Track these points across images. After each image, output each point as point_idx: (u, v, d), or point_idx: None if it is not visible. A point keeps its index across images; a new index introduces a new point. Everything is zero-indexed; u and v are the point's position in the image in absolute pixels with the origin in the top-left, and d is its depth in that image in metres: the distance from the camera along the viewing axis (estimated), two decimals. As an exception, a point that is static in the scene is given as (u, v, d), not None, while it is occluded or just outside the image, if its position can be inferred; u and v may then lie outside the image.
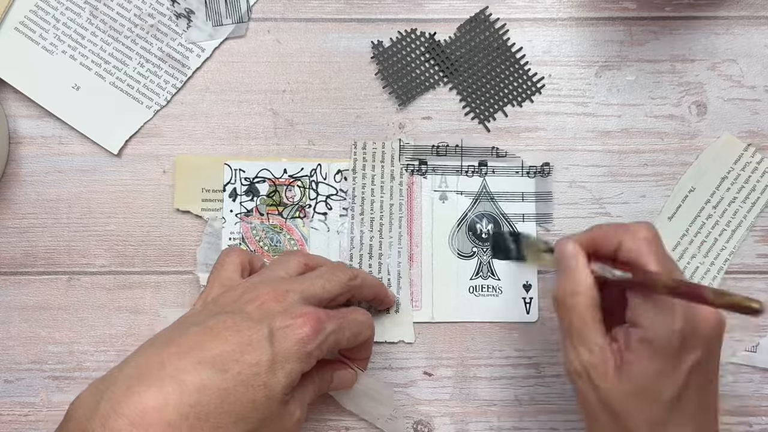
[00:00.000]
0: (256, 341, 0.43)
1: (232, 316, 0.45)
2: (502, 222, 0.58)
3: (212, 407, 0.41)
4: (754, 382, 0.57)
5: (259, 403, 0.43)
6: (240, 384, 0.42)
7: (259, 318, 0.45)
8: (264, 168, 0.58)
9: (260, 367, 0.43)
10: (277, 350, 0.43)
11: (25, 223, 0.58)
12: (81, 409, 0.41)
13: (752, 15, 0.59)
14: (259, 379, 0.43)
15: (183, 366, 0.41)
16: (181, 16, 0.59)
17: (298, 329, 0.44)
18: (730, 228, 0.57)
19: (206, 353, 0.42)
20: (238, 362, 0.42)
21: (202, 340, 0.43)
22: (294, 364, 0.44)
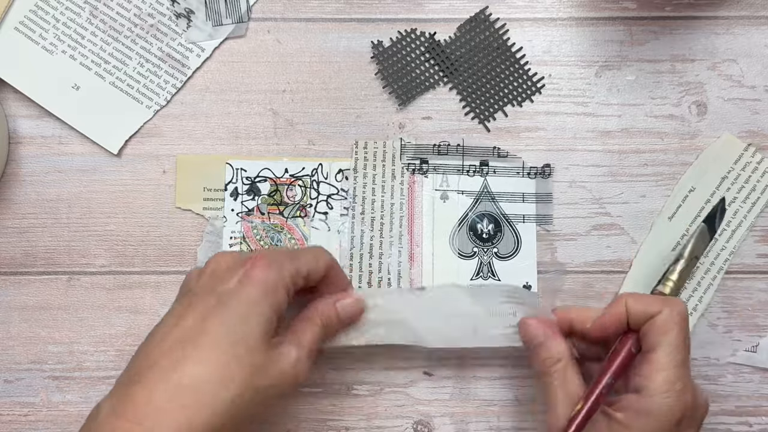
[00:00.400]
0: (213, 306, 0.45)
1: (184, 299, 0.47)
2: (502, 222, 0.58)
3: (196, 380, 0.42)
4: (754, 382, 0.57)
5: (240, 358, 0.43)
6: (216, 349, 0.43)
7: (210, 287, 0.46)
8: (265, 167, 0.58)
9: (229, 327, 0.44)
10: (237, 303, 0.45)
11: (25, 223, 0.58)
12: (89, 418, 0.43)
13: (752, 15, 0.59)
14: (232, 337, 0.44)
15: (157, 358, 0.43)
16: (181, 16, 0.59)
17: (250, 274, 0.46)
18: (730, 228, 0.57)
19: (172, 338, 0.44)
20: (205, 332, 0.44)
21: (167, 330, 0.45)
22: (261, 307, 0.45)
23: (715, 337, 0.57)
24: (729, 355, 0.57)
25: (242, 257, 0.47)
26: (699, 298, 0.57)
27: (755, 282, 0.58)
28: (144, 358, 0.44)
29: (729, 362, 0.57)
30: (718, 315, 0.57)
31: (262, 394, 0.45)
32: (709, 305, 0.57)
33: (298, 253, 0.50)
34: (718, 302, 0.57)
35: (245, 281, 0.45)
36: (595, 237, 0.58)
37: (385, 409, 0.57)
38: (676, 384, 0.46)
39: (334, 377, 0.57)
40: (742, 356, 0.57)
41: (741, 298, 0.57)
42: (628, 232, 0.58)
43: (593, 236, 0.58)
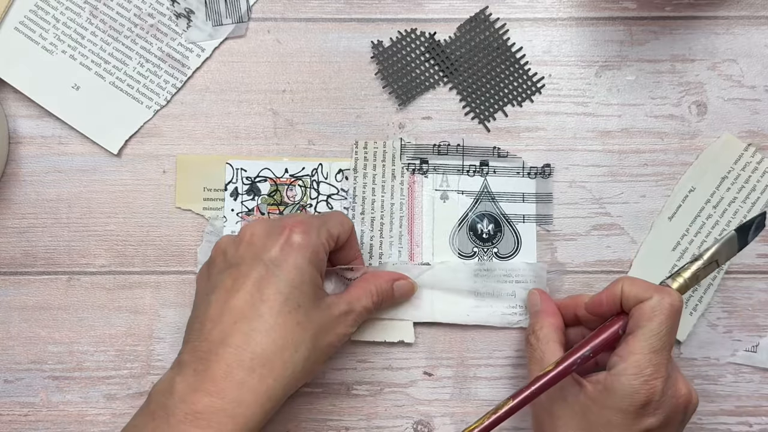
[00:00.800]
0: (264, 276, 0.46)
1: (229, 271, 0.48)
2: (502, 222, 0.58)
3: (269, 350, 0.45)
4: (754, 382, 0.57)
5: (303, 322, 0.46)
6: (278, 316, 0.46)
7: (253, 255, 0.48)
8: (265, 167, 0.58)
9: (285, 294, 0.46)
10: (287, 270, 0.47)
11: (25, 223, 0.58)
12: (159, 393, 0.45)
13: (752, 15, 0.59)
14: (290, 304, 0.46)
15: (225, 333, 0.45)
16: (181, 15, 0.59)
17: (290, 240, 0.48)
18: (730, 228, 0.57)
19: (234, 311, 0.46)
20: (264, 302, 0.46)
21: (222, 303, 0.46)
22: (309, 271, 0.48)
23: (715, 337, 0.57)
24: (729, 355, 0.57)
25: (275, 224, 0.49)
26: (699, 298, 0.57)
27: (755, 282, 0.58)
28: (207, 336, 0.45)
29: (729, 362, 0.57)
30: (718, 315, 0.57)
31: (324, 353, 0.49)
32: (709, 305, 0.57)
33: (325, 217, 0.52)
34: (718, 302, 0.57)
35: (288, 248, 0.47)
36: (595, 237, 0.58)
37: (385, 409, 0.57)
38: (645, 369, 0.46)
39: (334, 377, 0.57)
40: (742, 356, 0.57)
41: (741, 298, 0.57)
42: (628, 232, 0.58)
43: (593, 236, 0.58)
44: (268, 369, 0.45)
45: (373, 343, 0.57)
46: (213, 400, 0.43)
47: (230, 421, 0.43)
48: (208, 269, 0.50)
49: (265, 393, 0.44)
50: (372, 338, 0.57)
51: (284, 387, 0.45)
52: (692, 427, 0.57)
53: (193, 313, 0.49)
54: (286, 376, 0.45)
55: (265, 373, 0.44)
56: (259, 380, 0.44)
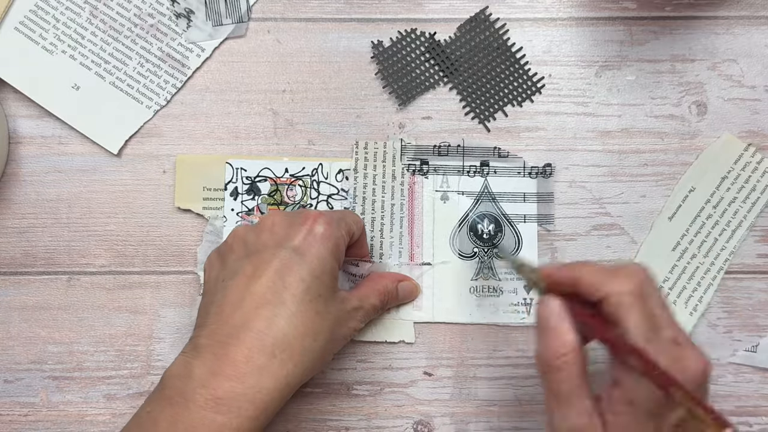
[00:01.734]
0: (287, 263, 0.46)
1: (250, 258, 0.48)
2: (503, 222, 0.58)
3: (290, 336, 0.45)
4: (754, 382, 0.57)
5: (322, 312, 0.47)
6: (300, 304, 0.46)
7: (276, 243, 0.48)
8: (265, 167, 0.58)
9: (306, 282, 0.46)
10: (310, 260, 0.47)
11: (25, 223, 0.58)
12: (175, 377, 0.45)
13: (752, 15, 0.59)
14: (312, 293, 0.46)
15: (246, 317, 0.45)
16: (181, 15, 0.59)
17: (314, 230, 0.48)
18: (730, 228, 0.57)
19: (255, 297, 0.45)
20: (286, 289, 0.46)
21: (243, 289, 0.46)
22: (330, 262, 0.48)
23: (715, 337, 0.57)
24: (729, 355, 0.57)
25: (297, 215, 0.49)
26: (699, 298, 0.57)
27: (755, 282, 0.58)
28: (228, 320, 0.45)
29: (729, 362, 0.57)
30: (718, 315, 0.57)
31: (338, 343, 0.50)
32: (709, 305, 0.57)
33: (342, 214, 0.52)
34: (718, 302, 0.57)
35: (311, 238, 0.47)
36: (595, 237, 0.58)
37: (385, 409, 0.57)
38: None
39: (334, 377, 0.57)
40: (742, 356, 0.57)
41: (741, 298, 0.57)
42: (628, 232, 0.58)
43: (593, 236, 0.58)
44: (288, 355, 0.45)
45: (374, 343, 0.57)
46: (233, 385, 0.43)
47: (251, 406, 0.43)
48: (223, 256, 0.50)
49: (284, 378, 0.44)
50: (372, 338, 0.57)
51: (302, 373, 0.45)
52: (692, 427, 0.57)
53: (207, 298, 0.48)
54: (304, 363, 0.45)
55: (286, 359, 0.44)
56: (279, 365, 0.44)
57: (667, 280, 0.57)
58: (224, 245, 0.51)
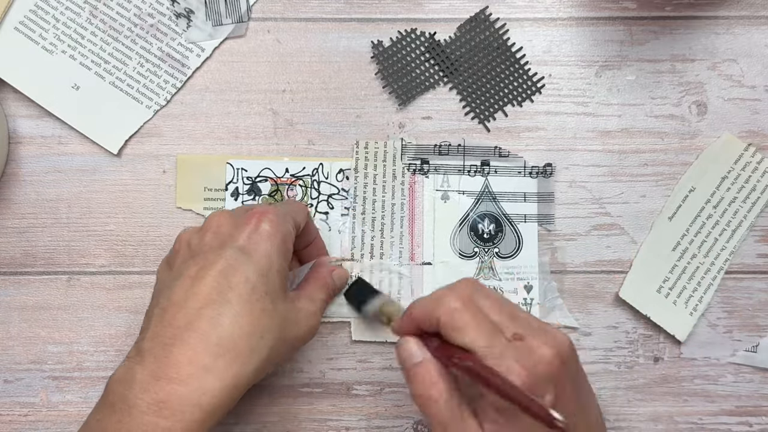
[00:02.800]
0: (232, 263, 0.45)
1: (194, 259, 0.46)
2: (503, 222, 0.58)
3: (235, 335, 0.43)
4: (754, 382, 0.57)
5: (269, 310, 0.45)
6: (245, 304, 0.44)
7: (220, 243, 0.46)
8: (266, 167, 0.58)
9: (252, 281, 0.45)
10: (256, 259, 0.45)
11: (25, 223, 0.58)
12: (118, 383, 0.43)
13: (752, 15, 0.59)
14: (258, 291, 0.45)
15: (190, 318, 0.43)
16: (181, 15, 0.59)
17: (259, 229, 0.47)
18: (730, 228, 0.57)
19: (200, 297, 0.44)
20: (231, 288, 0.44)
21: (186, 289, 0.44)
22: (278, 260, 0.46)
23: (715, 337, 0.57)
24: (729, 355, 0.57)
25: (242, 213, 0.48)
26: (699, 298, 0.57)
27: (755, 282, 0.58)
28: (171, 321, 0.44)
29: (729, 362, 0.57)
30: (718, 315, 0.57)
31: (289, 345, 0.48)
32: (709, 305, 0.57)
33: (287, 206, 0.51)
34: (718, 302, 0.57)
35: (257, 237, 0.46)
36: (595, 237, 0.58)
37: (385, 409, 0.57)
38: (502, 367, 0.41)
39: (334, 377, 0.57)
40: (742, 356, 0.57)
41: (741, 298, 0.57)
42: (628, 232, 0.58)
43: (593, 236, 0.58)
44: (234, 355, 0.43)
45: (373, 343, 0.57)
46: (176, 388, 0.41)
47: (196, 409, 0.41)
48: (170, 261, 0.49)
49: (231, 379, 0.43)
50: (372, 338, 0.57)
51: (249, 374, 0.44)
52: (693, 426, 0.57)
53: (153, 301, 0.47)
54: (251, 363, 0.44)
55: (231, 359, 0.43)
56: (225, 366, 0.42)
57: (667, 280, 0.57)
58: (171, 251, 0.50)
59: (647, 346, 0.57)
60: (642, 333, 0.57)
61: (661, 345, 0.57)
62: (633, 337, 0.57)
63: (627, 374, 0.57)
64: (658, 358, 0.57)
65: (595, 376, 0.57)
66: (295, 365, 0.57)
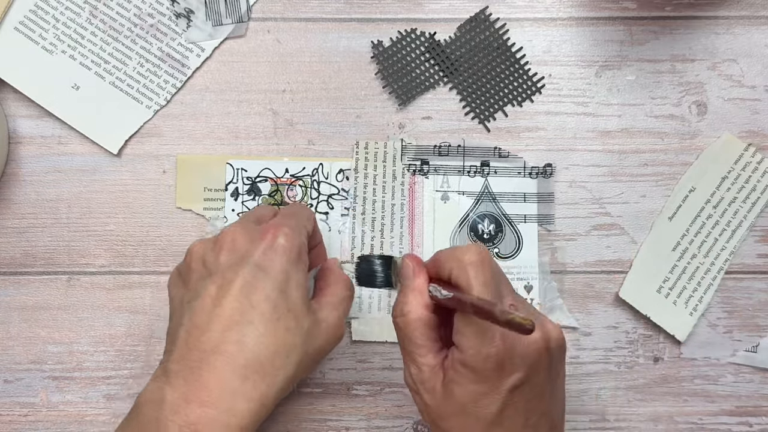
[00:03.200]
0: (251, 281, 0.45)
1: (212, 278, 0.46)
2: (503, 222, 0.58)
3: (261, 356, 0.43)
4: (754, 382, 0.57)
5: (293, 327, 0.45)
6: (268, 323, 0.44)
7: (237, 260, 0.46)
8: (266, 167, 0.58)
9: (273, 299, 0.44)
10: (274, 275, 0.45)
11: (25, 223, 0.58)
12: (148, 404, 0.44)
13: (752, 15, 0.59)
14: (280, 309, 0.45)
15: (215, 341, 0.44)
16: (180, 15, 0.59)
17: (275, 244, 0.46)
18: (730, 228, 0.57)
19: (222, 319, 0.44)
20: (253, 308, 0.44)
21: (209, 311, 0.45)
22: (295, 274, 0.46)
23: (715, 337, 0.57)
24: (729, 355, 0.57)
25: (256, 228, 0.48)
26: (699, 298, 0.57)
27: (755, 282, 0.58)
28: (197, 344, 0.44)
29: (729, 362, 0.57)
30: (718, 315, 0.57)
31: (313, 357, 0.47)
32: (709, 305, 0.57)
33: (296, 214, 0.50)
34: (718, 302, 0.57)
35: (272, 253, 0.46)
36: (595, 237, 0.58)
37: (385, 409, 0.57)
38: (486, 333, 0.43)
39: (334, 377, 0.57)
40: (742, 356, 0.57)
41: (741, 298, 0.57)
42: (628, 232, 0.58)
43: (593, 236, 0.58)
44: (260, 376, 0.43)
45: (373, 342, 0.57)
46: (206, 411, 0.42)
47: (225, 430, 0.42)
48: (184, 276, 0.48)
49: (258, 400, 0.43)
50: (372, 338, 0.57)
51: (276, 393, 0.44)
52: (693, 427, 0.57)
53: (174, 321, 0.47)
54: (278, 382, 0.44)
55: (258, 380, 0.43)
56: (252, 387, 0.43)
57: (667, 280, 0.57)
58: (183, 265, 0.49)
59: (647, 346, 0.57)
60: (642, 333, 0.57)
61: (661, 345, 0.57)
62: (633, 337, 0.57)
63: (627, 374, 0.57)
64: (658, 358, 0.57)
65: (595, 376, 0.57)
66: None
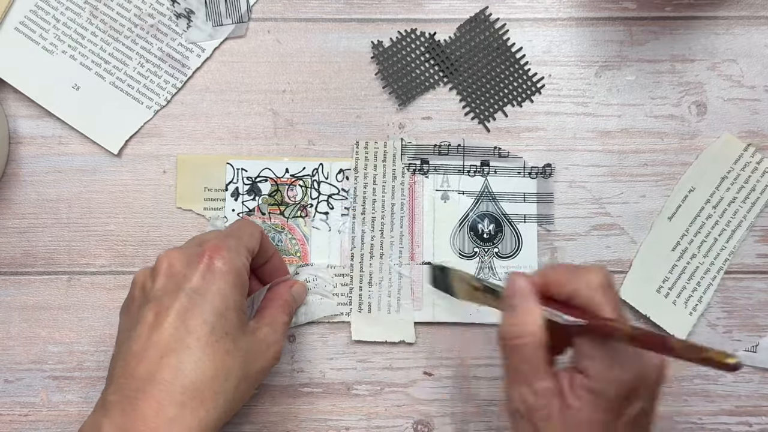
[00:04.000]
0: (187, 306, 0.44)
1: (149, 305, 0.45)
2: (503, 222, 0.58)
3: (198, 382, 0.43)
4: (754, 382, 0.57)
5: (231, 350, 0.45)
6: (206, 347, 0.44)
7: (174, 286, 0.45)
8: (266, 167, 0.58)
9: (210, 323, 0.44)
10: (211, 299, 0.45)
11: (25, 223, 0.58)
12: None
13: (752, 15, 0.59)
14: (217, 332, 0.44)
15: (152, 368, 0.43)
16: (181, 16, 0.59)
17: (212, 267, 0.46)
18: (730, 228, 0.57)
19: (159, 346, 0.44)
20: (190, 333, 0.44)
21: (145, 338, 0.44)
22: (234, 297, 0.46)
23: (715, 337, 0.57)
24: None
25: (193, 251, 0.47)
26: (699, 298, 0.57)
27: (755, 282, 0.58)
28: (134, 373, 0.43)
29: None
30: (718, 315, 0.57)
31: (254, 379, 0.47)
32: (709, 305, 0.57)
33: (238, 233, 0.50)
34: (718, 302, 0.57)
35: (210, 276, 0.46)
36: (595, 237, 0.58)
37: (385, 409, 0.57)
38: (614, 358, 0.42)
39: (334, 377, 0.57)
40: (742, 356, 0.57)
41: (741, 298, 0.57)
42: (628, 232, 0.58)
43: (593, 236, 0.58)
44: (199, 401, 0.43)
45: (374, 343, 0.57)
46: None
47: None
48: (127, 307, 0.48)
49: (198, 427, 0.43)
50: (372, 338, 0.57)
51: (217, 418, 0.44)
52: (692, 426, 0.57)
53: (116, 349, 0.47)
54: (218, 407, 0.44)
55: (197, 406, 0.43)
56: (191, 414, 0.42)
57: (667, 280, 0.57)
58: (128, 296, 0.49)
59: (647, 346, 0.57)
60: (642, 333, 0.57)
61: (661, 345, 0.57)
62: (633, 337, 0.57)
63: (627, 374, 0.57)
64: (658, 358, 0.57)
65: (595, 376, 0.57)
66: (295, 365, 0.57)
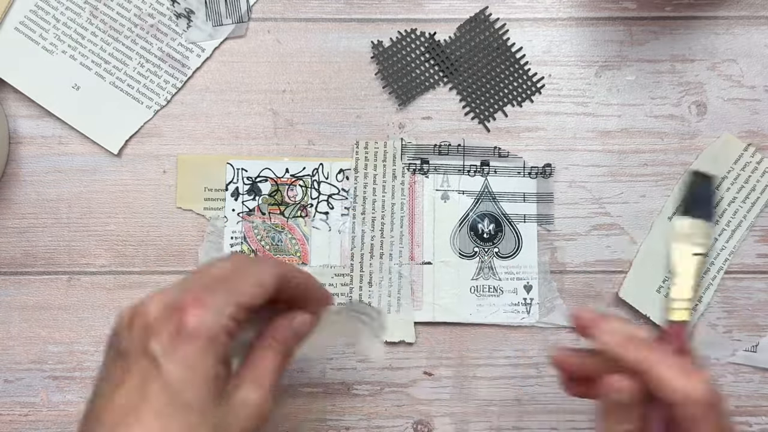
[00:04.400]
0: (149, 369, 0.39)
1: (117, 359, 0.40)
2: (503, 222, 0.58)
3: None
4: (754, 382, 0.57)
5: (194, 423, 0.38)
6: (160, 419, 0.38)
7: (141, 343, 0.39)
8: (266, 167, 0.58)
9: (170, 393, 0.38)
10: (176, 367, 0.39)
11: (25, 223, 0.58)
12: None
13: (752, 15, 0.59)
14: (175, 404, 0.38)
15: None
16: (181, 16, 0.59)
17: (183, 326, 0.39)
18: (730, 228, 0.57)
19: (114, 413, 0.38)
20: (146, 401, 0.38)
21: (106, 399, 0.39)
22: (204, 365, 0.39)
23: (715, 337, 0.57)
24: (729, 355, 0.57)
25: (173, 300, 0.40)
26: (699, 298, 0.57)
27: (755, 282, 0.58)
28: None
29: (729, 362, 0.57)
30: (718, 315, 0.57)
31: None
32: (709, 305, 0.57)
33: (237, 279, 0.42)
34: (718, 302, 0.57)
35: (179, 338, 0.39)
36: (595, 237, 0.58)
37: (385, 409, 0.57)
38: None
39: (334, 377, 0.57)
40: (742, 356, 0.57)
41: (741, 298, 0.57)
42: (627, 232, 0.58)
43: (593, 236, 0.58)
44: None
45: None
46: None
47: None
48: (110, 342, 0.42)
49: None
50: (372, 338, 0.57)
51: None
52: (692, 426, 0.57)
53: (91, 392, 0.41)
54: None
55: None
56: None
57: (667, 279, 0.57)
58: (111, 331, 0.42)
59: (647, 346, 0.57)
60: (642, 333, 0.57)
61: (661, 345, 0.57)
62: (633, 337, 0.57)
63: (627, 374, 0.57)
64: (658, 358, 0.57)
65: (595, 376, 0.57)
66: (295, 365, 0.57)
